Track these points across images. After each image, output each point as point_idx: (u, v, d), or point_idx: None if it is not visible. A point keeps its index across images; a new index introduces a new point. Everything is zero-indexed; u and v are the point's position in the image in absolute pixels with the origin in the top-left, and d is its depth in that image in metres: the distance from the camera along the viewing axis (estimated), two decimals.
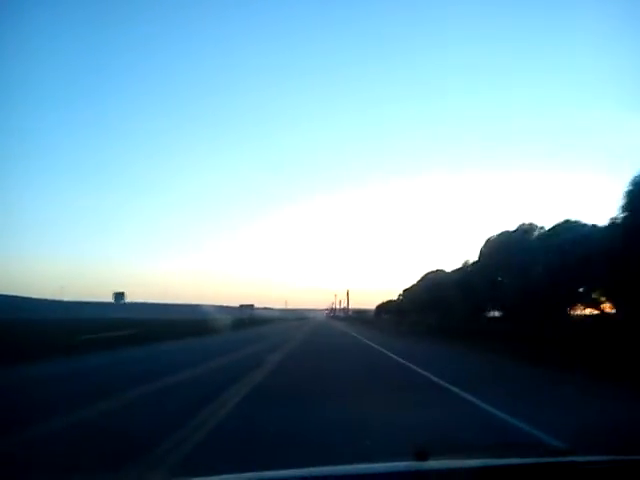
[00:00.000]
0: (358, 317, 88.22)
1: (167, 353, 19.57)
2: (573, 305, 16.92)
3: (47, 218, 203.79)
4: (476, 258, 23.96)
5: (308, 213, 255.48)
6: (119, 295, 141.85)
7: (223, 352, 18.05)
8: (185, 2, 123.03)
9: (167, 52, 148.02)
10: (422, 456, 1.93)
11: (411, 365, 13.69)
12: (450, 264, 32.77)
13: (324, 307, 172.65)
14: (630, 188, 12.80)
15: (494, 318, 23.87)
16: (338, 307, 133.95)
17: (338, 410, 7.03)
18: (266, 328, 51.86)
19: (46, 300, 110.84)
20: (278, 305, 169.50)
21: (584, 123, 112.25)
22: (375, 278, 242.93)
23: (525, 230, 19.78)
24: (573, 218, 17.76)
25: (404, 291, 48.27)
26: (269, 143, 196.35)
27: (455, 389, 9.06)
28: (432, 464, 1.94)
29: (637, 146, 53.32)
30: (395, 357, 16.58)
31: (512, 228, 20.51)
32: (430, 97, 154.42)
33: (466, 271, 25.30)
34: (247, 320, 68.69)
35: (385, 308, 65.56)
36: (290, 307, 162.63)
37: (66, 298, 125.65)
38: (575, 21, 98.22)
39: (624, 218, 12.87)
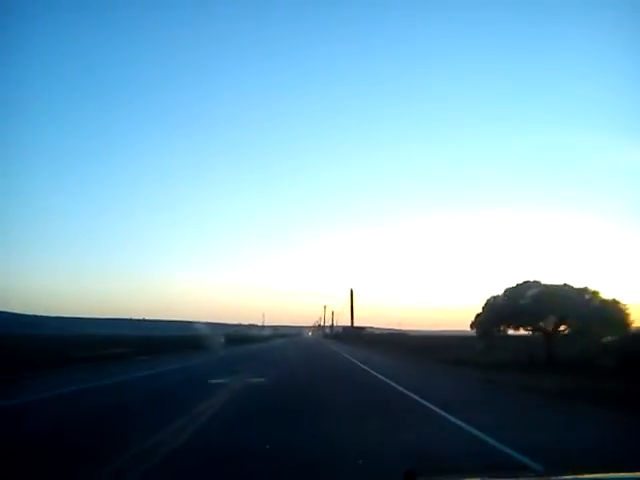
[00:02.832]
0: (355, 336, 62.37)
1: None
2: None
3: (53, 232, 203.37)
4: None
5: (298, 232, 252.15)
6: None
7: None
8: (222, 35, 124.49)
9: (214, 82, 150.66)
10: (411, 477, 1.92)
11: None
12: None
13: (310, 324, 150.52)
14: None
15: None
16: (329, 323, 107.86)
17: None
18: None
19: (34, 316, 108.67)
20: (255, 321, 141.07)
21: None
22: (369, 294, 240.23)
23: None
24: None
25: None
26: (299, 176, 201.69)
27: None
28: None
29: None
30: None
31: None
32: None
33: None
34: None
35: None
36: (268, 323, 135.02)
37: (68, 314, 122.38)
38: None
39: None
